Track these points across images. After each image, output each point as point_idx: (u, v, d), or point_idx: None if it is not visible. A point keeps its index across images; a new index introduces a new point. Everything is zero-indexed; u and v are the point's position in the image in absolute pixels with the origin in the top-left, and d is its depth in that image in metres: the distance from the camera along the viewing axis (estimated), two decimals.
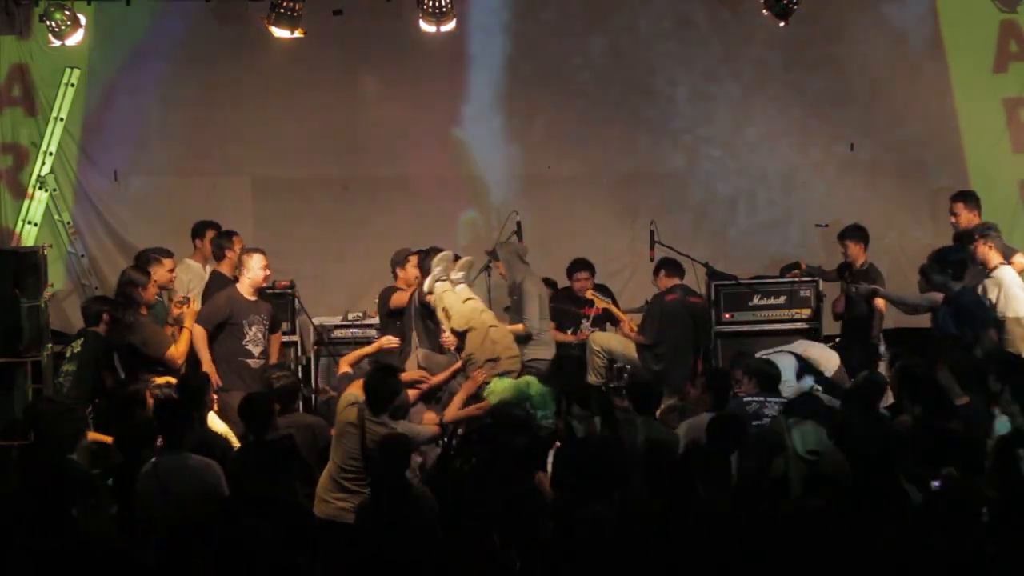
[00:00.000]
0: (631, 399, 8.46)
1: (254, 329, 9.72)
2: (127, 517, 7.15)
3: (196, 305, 9.64)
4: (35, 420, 7.90)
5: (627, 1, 12.75)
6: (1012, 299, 9.43)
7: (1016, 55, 12.48)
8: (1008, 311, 9.41)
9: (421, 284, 9.87)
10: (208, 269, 10.79)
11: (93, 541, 6.14)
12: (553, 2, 12.78)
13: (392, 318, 10.28)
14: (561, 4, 12.78)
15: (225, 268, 10.36)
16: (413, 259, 10.32)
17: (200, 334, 9.53)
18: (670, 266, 10.87)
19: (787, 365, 9.49)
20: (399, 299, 10.26)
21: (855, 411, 8.02)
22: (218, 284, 10.18)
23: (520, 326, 9.89)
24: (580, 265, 11.43)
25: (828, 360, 9.86)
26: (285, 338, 10.86)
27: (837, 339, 11.00)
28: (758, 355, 9.47)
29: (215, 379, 9.21)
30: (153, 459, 7.19)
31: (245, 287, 9.80)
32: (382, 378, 7.85)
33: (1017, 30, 12.46)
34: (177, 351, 9.26)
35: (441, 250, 9.83)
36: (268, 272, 9.93)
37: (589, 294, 11.15)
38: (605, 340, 10.85)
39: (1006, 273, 9.59)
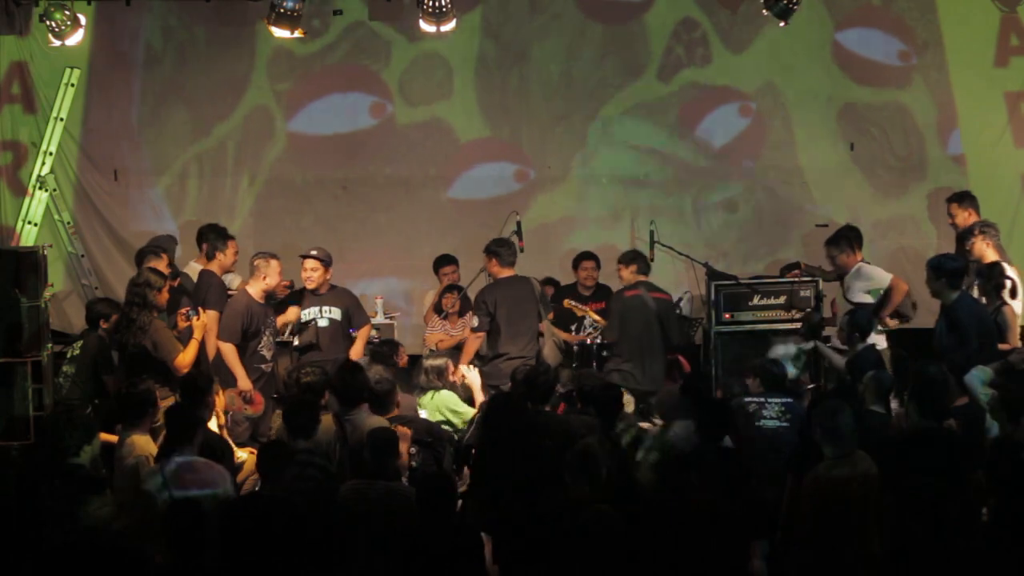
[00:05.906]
0: (591, 404, 8.10)
1: (267, 334, 9.75)
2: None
3: (206, 317, 9.38)
4: (49, 423, 7.83)
5: None
6: None
7: (1017, 49, 12.47)
8: None
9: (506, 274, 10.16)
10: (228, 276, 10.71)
11: (97, 540, 6.12)
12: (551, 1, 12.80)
13: None
14: (559, 2, 12.79)
15: (215, 268, 10.25)
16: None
17: (230, 350, 9.47)
18: (642, 262, 10.68)
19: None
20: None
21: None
22: (206, 283, 10.07)
23: None
24: (586, 255, 11.46)
25: (882, 279, 10.17)
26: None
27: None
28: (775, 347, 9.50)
29: (251, 393, 9.39)
30: (166, 461, 7.11)
31: (258, 293, 9.76)
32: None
33: (1018, 24, 12.46)
34: (185, 359, 9.02)
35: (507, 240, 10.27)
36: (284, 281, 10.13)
37: (566, 303, 11.02)
38: (548, 352, 10.56)
39: None
